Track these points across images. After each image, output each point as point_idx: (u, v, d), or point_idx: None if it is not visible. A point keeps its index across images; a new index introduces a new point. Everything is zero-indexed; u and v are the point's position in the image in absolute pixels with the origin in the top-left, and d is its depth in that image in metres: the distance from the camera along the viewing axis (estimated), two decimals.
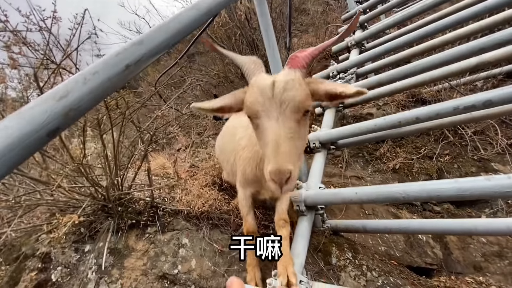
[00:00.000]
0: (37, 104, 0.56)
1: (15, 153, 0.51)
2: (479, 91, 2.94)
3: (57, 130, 0.58)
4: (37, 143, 0.54)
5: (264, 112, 0.75)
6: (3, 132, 0.50)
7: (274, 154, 0.69)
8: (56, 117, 0.57)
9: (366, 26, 2.89)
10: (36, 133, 0.54)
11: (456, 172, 2.41)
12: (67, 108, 0.59)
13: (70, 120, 0.60)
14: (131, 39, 0.82)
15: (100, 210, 1.60)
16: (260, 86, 0.77)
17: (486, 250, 1.98)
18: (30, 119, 0.53)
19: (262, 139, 0.77)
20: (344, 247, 1.63)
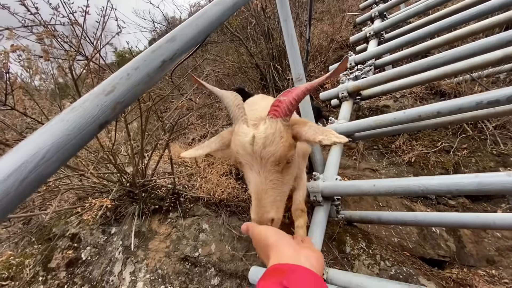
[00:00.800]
0: (88, 99, 0.61)
1: (73, 143, 0.57)
2: (502, 84, 2.86)
3: (106, 122, 0.63)
4: (90, 135, 0.60)
5: (246, 165, 0.76)
6: (63, 124, 0.56)
7: (255, 205, 0.73)
8: (105, 110, 0.62)
9: (385, 16, 2.81)
10: (90, 125, 0.59)
11: (473, 166, 2.38)
12: (115, 102, 0.64)
13: (116, 113, 0.66)
14: (145, 28, 0.86)
15: (126, 195, 1.69)
16: (241, 141, 0.76)
17: (501, 244, 1.98)
18: (84, 113, 0.59)
19: (248, 186, 0.79)
20: (358, 237, 1.67)
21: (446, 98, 2.86)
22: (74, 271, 1.69)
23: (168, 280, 1.52)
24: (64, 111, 0.59)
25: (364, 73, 2.11)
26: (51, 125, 0.56)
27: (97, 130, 0.62)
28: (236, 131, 0.79)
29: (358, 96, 2.06)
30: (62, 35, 1.53)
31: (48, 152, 0.53)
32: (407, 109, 1.47)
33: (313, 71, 3.77)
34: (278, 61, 3.55)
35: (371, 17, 2.85)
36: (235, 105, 0.84)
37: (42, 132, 0.54)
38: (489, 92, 1.21)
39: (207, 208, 1.73)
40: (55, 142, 0.54)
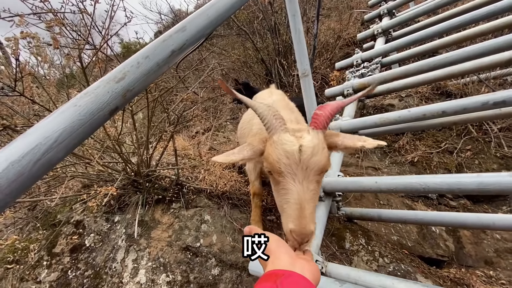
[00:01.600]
0: (100, 85, 0.63)
1: (84, 128, 0.58)
2: (509, 86, 2.83)
3: (116, 109, 0.65)
4: (101, 120, 0.61)
5: (289, 174, 0.75)
6: (75, 109, 0.57)
7: (298, 216, 0.71)
8: (116, 97, 0.63)
9: (394, 14, 2.78)
10: (101, 111, 0.61)
11: (476, 168, 2.38)
12: (125, 89, 0.65)
13: (126, 101, 0.67)
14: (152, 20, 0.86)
15: (130, 184, 1.72)
16: (286, 150, 0.76)
17: (500, 246, 1.99)
18: (96, 99, 0.60)
19: (283, 196, 0.77)
20: (357, 234, 1.69)
21: (452, 98, 2.84)
22: (78, 256, 1.72)
23: (169, 269, 1.55)
24: (77, 96, 0.60)
25: (370, 71, 2.10)
26: (64, 109, 0.57)
27: (107, 116, 0.64)
28: (278, 140, 0.79)
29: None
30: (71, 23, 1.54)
31: (61, 136, 0.54)
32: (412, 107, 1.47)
33: (319, 68, 3.76)
34: (284, 56, 3.54)
35: (379, 14, 2.82)
36: (271, 115, 0.84)
37: (55, 116, 0.56)
38: (495, 93, 1.21)
39: (210, 200, 1.75)
40: (67, 126, 0.55)
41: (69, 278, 1.66)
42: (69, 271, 1.68)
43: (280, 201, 0.79)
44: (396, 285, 1.05)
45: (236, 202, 1.76)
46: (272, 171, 0.79)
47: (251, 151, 0.84)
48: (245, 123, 1.76)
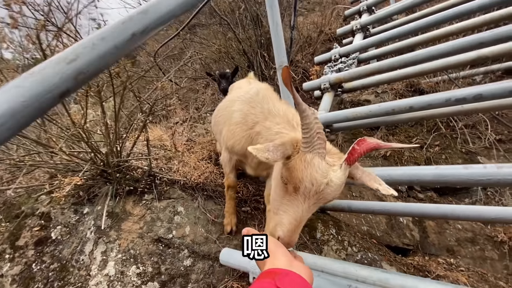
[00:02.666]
0: (48, 66, 0.59)
1: (29, 111, 0.54)
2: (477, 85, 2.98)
3: (67, 92, 0.61)
4: (49, 103, 0.58)
5: (303, 195, 0.76)
6: (18, 90, 0.54)
7: (291, 229, 0.75)
8: (67, 79, 0.60)
9: (373, 10, 2.83)
10: (49, 93, 0.57)
11: (443, 162, 2.51)
12: (77, 71, 0.62)
13: (79, 84, 0.63)
14: (130, 5, 0.82)
15: (99, 175, 1.66)
16: (316, 178, 0.74)
17: (460, 235, 2.12)
18: (42, 80, 0.56)
19: (285, 205, 0.78)
20: (329, 224, 1.74)
21: None
22: (43, 249, 1.65)
23: (140, 260, 1.52)
24: (20, 77, 0.56)
25: (347, 66, 2.14)
26: (4, 90, 0.53)
27: (57, 99, 0.60)
28: (310, 162, 0.76)
29: (339, 88, 2.09)
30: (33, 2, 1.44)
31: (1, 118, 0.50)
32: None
33: (300, 62, 3.77)
34: (266, 49, 3.51)
35: (359, 11, 2.86)
36: (315, 130, 0.78)
37: None
38: (457, 90, 1.27)
39: (183, 191, 1.73)
40: (8, 108, 0.51)
41: (33, 271, 1.59)
42: (34, 264, 1.61)
43: (279, 205, 0.81)
44: (359, 272, 1.10)
45: (211, 194, 1.75)
46: (289, 183, 0.79)
47: (282, 153, 0.79)
48: (221, 110, 1.66)
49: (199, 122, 3.31)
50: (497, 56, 1.57)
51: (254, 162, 1.35)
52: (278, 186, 0.86)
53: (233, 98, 1.50)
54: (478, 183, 0.96)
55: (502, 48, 1.49)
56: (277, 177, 0.87)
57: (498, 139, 2.52)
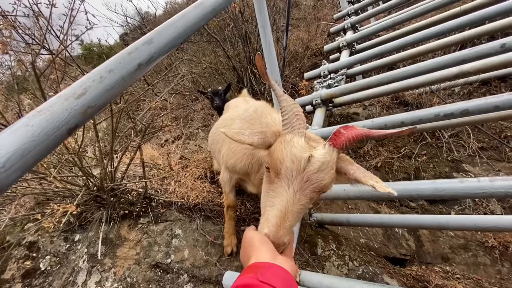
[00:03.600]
0: (57, 102, 0.57)
1: (38, 149, 0.53)
2: (456, 96, 3.15)
3: (76, 127, 0.60)
4: (58, 140, 0.56)
5: (285, 178, 0.71)
6: (27, 129, 0.52)
7: (276, 224, 0.68)
8: (75, 115, 0.59)
9: (357, 28, 2.97)
10: (58, 130, 0.56)
11: (431, 171, 2.60)
12: (86, 106, 0.61)
13: (87, 118, 0.63)
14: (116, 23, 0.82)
15: (92, 200, 1.59)
16: (295, 154, 0.71)
17: (453, 243, 2.18)
18: (51, 118, 0.55)
19: (271, 198, 0.73)
20: (329, 239, 1.74)
21: (409, 107, 3.09)
22: (32, 282, 1.55)
23: None
24: (28, 115, 0.55)
25: (336, 82, 2.21)
26: (13, 130, 0.51)
27: (65, 135, 0.58)
28: (290, 141, 0.74)
29: (330, 103, 2.15)
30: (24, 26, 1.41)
31: (9, 161, 0.49)
32: (375, 117, 1.57)
33: (289, 76, 3.86)
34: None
35: (344, 28, 2.99)
36: (293, 112, 0.78)
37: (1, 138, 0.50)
38: (445, 106, 1.33)
39: (181, 213, 1.69)
40: (18, 149, 0.50)
41: None
42: None
43: (265, 201, 0.76)
44: None
45: (209, 214, 1.72)
46: (271, 169, 0.76)
47: (261, 139, 0.80)
48: (222, 121, 1.69)
49: (191, 139, 3.29)
50: (477, 72, 1.67)
51: (257, 179, 1.34)
52: (264, 182, 0.82)
53: (232, 117, 1.51)
54: (474, 196, 1.00)
55: (481, 64, 1.60)
56: (264, 173, 0.85)
57: (480, 147, 2.65)
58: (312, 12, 6.12)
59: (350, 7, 3.29)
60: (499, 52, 1.51)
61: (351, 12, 3.23)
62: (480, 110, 1.23)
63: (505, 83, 3.15)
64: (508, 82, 3.15)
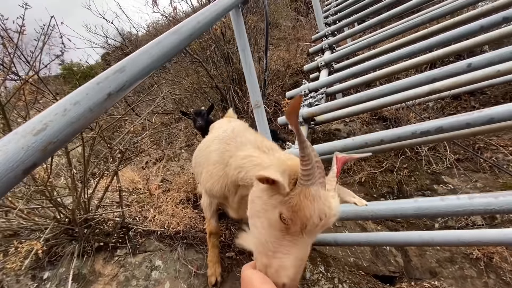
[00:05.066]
0: (11, 140, 0.52)
1: None
2: (431, 110, 3.30)
3: (33, 166, 0.55)
4: (12, 182, 0.51)
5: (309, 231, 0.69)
6: None
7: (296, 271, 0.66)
8: (33, 152, 0.54)
9: (334, 48, 3.09)
10: (12, 171, 0.50)
11: (413, 184, 2.66)
12: (46, 142, 0.56)
13: (48, 154, 0.57)
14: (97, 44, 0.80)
15: (63, 233, 1.48)
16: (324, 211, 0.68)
17: (440, 256, 2.19)
18: (4, 158, 0.50)
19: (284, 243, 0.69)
20: (317, 261, 1.69)
21: (388, 122, 3.20)
22: None
23: None
24: None
25: (317, 101, 2.25)
26: None
27: (21, 176, 0.53)
28: (316, 195, 0.69)
29: (312, 121, 2.18)
30: None
31: None
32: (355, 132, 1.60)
33: (271, 95, 3.92)
34: (238, 83, 3.61)
35: (322, 48, 3.11)
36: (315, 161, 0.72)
37: None
38: (421, 123, 1.38)
39: (161, 242, 1.60)
40: None
41: None
42: None
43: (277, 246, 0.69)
44: None
45: (191, 241, 1.64)
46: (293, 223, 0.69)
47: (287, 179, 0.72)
48: (201, 151, 1.63)
49: (173, 160, 3.20)
50: (447, 89, 1.76)
51: (235, 202, 1.29)
52: (272, 227, 0.74)
53: (212, 138, 1.48)
54: (455, 214, 1.01)
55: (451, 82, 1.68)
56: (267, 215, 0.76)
57: (457, 158, 2.75)
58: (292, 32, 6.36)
59: (327, 28, 3.44)
60: (466, 71, 1.60)
61: (328, 34, 3.38)
62: (453, 127, 1.28)
63: (474, 97, 3.36)
64: (477, 96, 3.36)
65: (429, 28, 2.34)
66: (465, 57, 3.39)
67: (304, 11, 7.14)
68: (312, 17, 6.11)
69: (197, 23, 1.11)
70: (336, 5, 3.84)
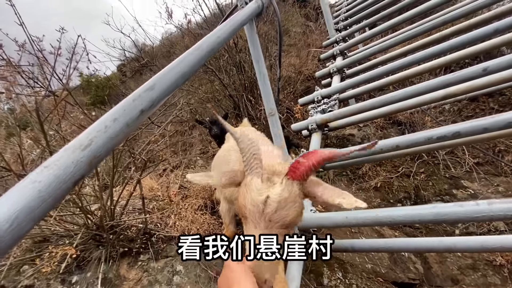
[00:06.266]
0: (63, 156, 0.59)
1: (45, 205, 0.54)
2: (447, 113, 3.24)
3: (81, 178, 0.61)
4: (64, 193, 0.58)
5: (251, 221, 0.72)
6: (35, 186, 0.53)
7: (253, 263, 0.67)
8: (81, 166, 0.60)
9: (346, 54, 3.12)
10: (64, 184, 0.57)
11: (431, 189, 2.61)
12: (91, 156, 0.63)
13: (92, 167, 0.64)
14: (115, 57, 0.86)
15: (91, 239, 1.56)
16: (253, 198, 0.72)
17: (461, 263, 2.13)
18: (58, 172, 0.57)
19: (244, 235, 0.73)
20: (334, 267, 1.70)
21: (402, 126, 3.17)
22: None
23: None
24: (37, 170, 0.56)
25: (330, 107, 2.28)
26: (22, 186, 0.53)
27: (71, 187, 0.60)
28: (249, 184, 0.75)
29: (326, 127, 2.20)
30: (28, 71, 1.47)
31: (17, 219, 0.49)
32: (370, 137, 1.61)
33: (283, 101, 3.96)
34: (251, 91, 3.69)
35: (333, 54, 3.13)
36: (251, 152, 0.79)
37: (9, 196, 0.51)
38: (437, 129, 1.38)
39: None
40: (25, 206, 0.51)
41: None
42: None
43: None
44: None
45: None
46: (240, 213, 0.77)
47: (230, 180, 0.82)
48: (219, 158, 1.69)
49: (189, 167, 3.29)
50: (462, 93, 1.74)
51: None
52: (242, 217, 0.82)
53: (229, 148, 1.54)
54: (474, 220, 1.01)
55: (467, 85, 1.67)
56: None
57: (476, 162, 2.68)
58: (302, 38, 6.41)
59: (338, 34, 3.47)
60: (482, 75, 1.59)
61: (339, 39, 3.40)
62: (470, 132, 1.28)
63: (493, 98, 3.27)
64: (495, 97, 3.27)
65: (442, 32, 2.33)
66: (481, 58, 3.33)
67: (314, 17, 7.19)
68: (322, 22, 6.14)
69: (217, 38, 1.18)
70: (346, 11, 3.87)
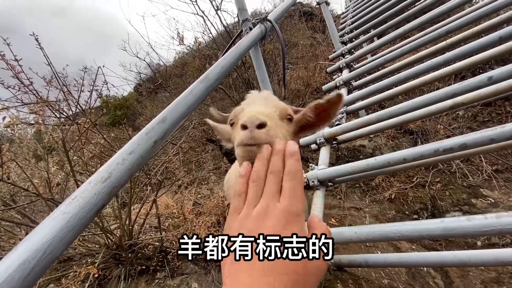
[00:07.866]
0: (87, 188, 0.68)
1: (73, 233, 0.62)
2: (461, 120, 3.17)
3: (103, 206, 0.69)
4: (89, 221, 0.66)
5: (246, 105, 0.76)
6: (64, 216, 0.62)
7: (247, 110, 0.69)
8: (102, 197, 0.69)
9: (352, 66, 3.15)
10: (89, 213, 0.65)
11: (448, 199, 2.53)
12: (111, 187, 0.71)
13: (112, 196, 0.72)
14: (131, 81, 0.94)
15: (111, 257, 1.65)
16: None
17: (485, 276, 2.03)
18: (83, 203, 0.65)
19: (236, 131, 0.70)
20: (348, 283, 1.68)
21: (414, 135, 3.12)
22: None
23: None
24: (65, 202, 0.65)
25: (337, 120, 2.31)
26: (53, 217, 0.61)
27: (94, 215, 0.68)
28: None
29: (334, 141, 2.23)
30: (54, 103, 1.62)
31: (50, 246, 0.57)
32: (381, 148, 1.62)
33: None
34: None
35: (339, 67, 3.18)
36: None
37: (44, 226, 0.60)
38: (444, 141, 1.38)
39: (196, 265, 1.71)
40: (56, 235, 0.59)
41: None
42: None
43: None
44: None
45: None
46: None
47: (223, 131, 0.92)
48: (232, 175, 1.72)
49: (203, 183, 3.38)
50: (470, 102, 1.74)
51: None
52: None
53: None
54: (483, 234, 1.00)
55: (474, 95, 1.66)
56: None
57: (495, 169, 2.59)
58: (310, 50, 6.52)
59: (344, 47, 3.53)
60: (487, 84, 1.58)
61: (344, 52, 3.46)
62: (477, 143, 1.27)
63: (509, 102, 3.17)
64: None
65: (448, 40, 2.33)
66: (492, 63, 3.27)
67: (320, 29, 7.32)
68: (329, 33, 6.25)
69: (221, 68, 1.27)
70: (351, 23, 3.94)
